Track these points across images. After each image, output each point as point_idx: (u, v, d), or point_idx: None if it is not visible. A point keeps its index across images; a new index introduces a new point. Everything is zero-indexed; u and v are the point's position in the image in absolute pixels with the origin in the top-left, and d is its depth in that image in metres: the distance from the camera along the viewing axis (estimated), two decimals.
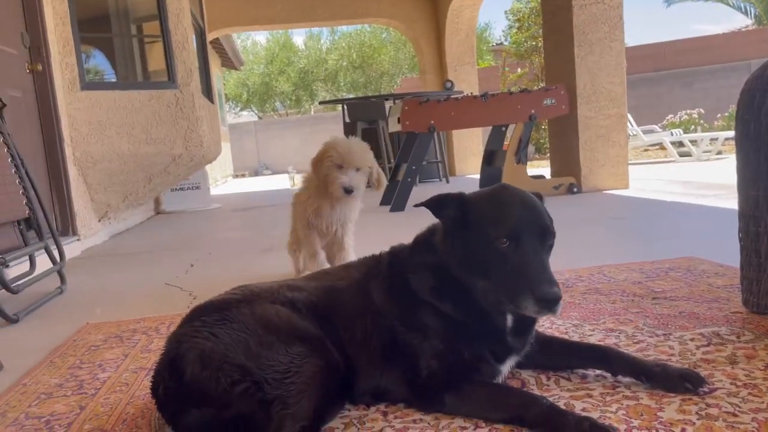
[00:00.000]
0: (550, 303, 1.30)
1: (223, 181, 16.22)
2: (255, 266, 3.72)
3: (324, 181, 2.88)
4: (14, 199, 3.15)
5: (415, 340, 1.48)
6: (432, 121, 5.99)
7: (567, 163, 6.49)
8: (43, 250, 3.37)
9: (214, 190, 11.48)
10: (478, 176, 7.21)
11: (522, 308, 1.35)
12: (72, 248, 4.62)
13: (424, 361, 1.46)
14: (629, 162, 6.59)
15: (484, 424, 1.37)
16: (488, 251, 1.39)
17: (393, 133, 7.52)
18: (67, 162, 4.80)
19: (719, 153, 10.73)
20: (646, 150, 12.88)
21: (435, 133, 6.49)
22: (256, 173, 21.25)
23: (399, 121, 6.05)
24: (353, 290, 1.61)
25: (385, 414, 1.47)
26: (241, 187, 14.00)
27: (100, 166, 5.15)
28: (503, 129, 6.77)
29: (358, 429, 1.41)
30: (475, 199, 1.48)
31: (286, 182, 13.27)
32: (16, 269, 3.24)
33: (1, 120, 3.26)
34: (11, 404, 1.73)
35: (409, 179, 6.06)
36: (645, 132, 11.39)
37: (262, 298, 1.53)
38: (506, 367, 1.53)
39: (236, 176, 19.99)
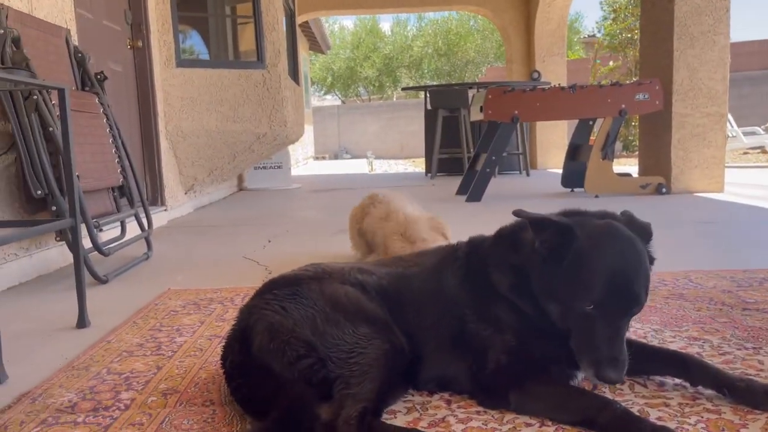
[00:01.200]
0: (608, 383, 1.36)
1: (304, 162, 16.56)
2: (328, 246, 3.78)
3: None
4: (110, 167, 3.33)
5: (486, 332, 1.45)
6: (516, 111, 5.85)
7: (657, 162, 6.18)
8: (134, 217, 3.55)
9: (295, 171, 11.73)
10: (560, 171, 7.01)
11: (582, 370, 1.38)
12: (159, 218, 4.85)
13: (492, 355, 1.42)
14: (726, 165, 6.20)
15: (550, 422, 1.33)
16: (570, 302, 1.35)
17: (475, 122, 7.41)
18: (160, 135, 5.03)
19: None
20: (745, 153, 12.09)
21: (518, 124, 6.34)
22: (336, 156, 21.56)
23: (482, 110, 5.95)
24: (425, 276, 1.59)
25: (448, 402, 1.46)
26: (321, 169, 14.25)
27: (189, 140, 5.36)
28: (590, 123, 6.53)
29: (420, 414, 1.40)
30: (583, 242, 1.35)
31: (365, 167, 13.39)
32: (107, 234, 3.43)
33: (103, 92, 3.45)
34: (95, 359, 1.84)
35: (488, 170, 5.95)
36: (746, 134, 10.71)
37: (332, 278, 1.55)
38: (582, 373, 1.48)
39: (317, 158, 20.37)
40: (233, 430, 1.34)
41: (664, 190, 5.89)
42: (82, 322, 2.22)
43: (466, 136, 9.07)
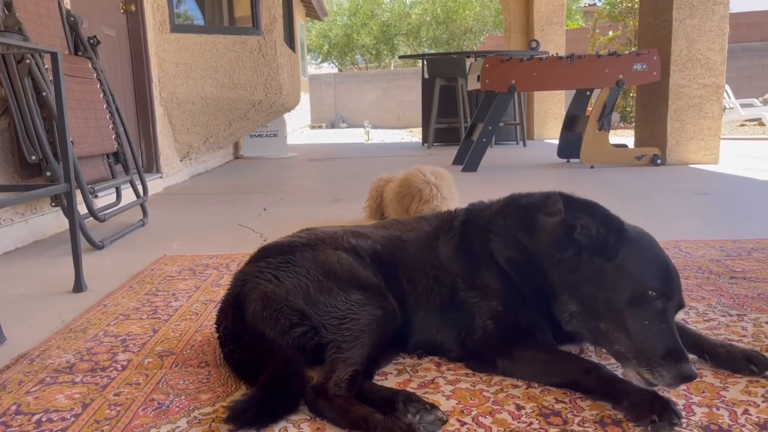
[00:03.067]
0: (686, 381, 1.21)
1: (300, 131, 16.48)
2: (324, 214, 3.80)
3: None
4: (104, 133, 3.32)
5: (475, 299, 1.47)
6: (513, 81, 5.82)
7: (653, 133, 6.18)
8: (129, 184, 3.55)
9: (292, 140, 11.66)
10: (557, 141, 7.00)
11: (652, 375, 1.21)
12: (155, 185, 4.86)
13: (480, 320, 1.45)
14: (722, 137, 6.19)
15: (536, 384, 1.36)
16: (629, 296, 1.26)
17: (472, 91, 7.37)
18: (155, 102, 5.00)
19: None
20: (742, 125, 12.08)
21: (515, 94, 6.31)
22: (332, 125, 21.45)
23: (479, 79, 5.92)
24: (420, 243, 1.60)
25: (438, 365, 1.49)
26: (318, 138, 14.18)
27: (185, 107, 5.33)
28: (587, 93, 6.50)
29: (411, 376, 1.43)
30: (632, 235, 1.33)
31: (362, 136, 13.34)
32: (103, 200, 3.44)
33: (96, 57, 3.42)
34: (92, 322, 1.87)
35: (485, 140, 5.95)
36: (743, 105, 10.68)
37: (326, 244, 1.56)
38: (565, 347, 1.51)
39: (313, 127, 20.25)
40: (228, 389, 1.38)
41: (659, 161, 5.90)
42: (78, 287, 2.24)
43: (463, 105, 9.03)
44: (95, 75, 3.34)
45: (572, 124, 6.52)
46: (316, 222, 3.51)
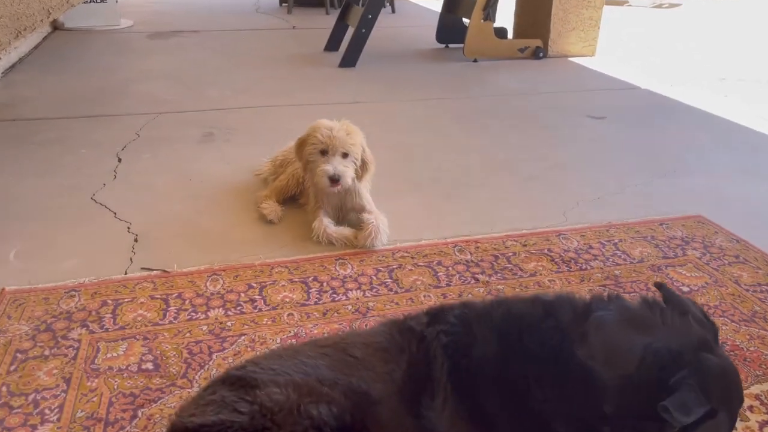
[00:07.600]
0: None
1: None
2: (196, 161, 3.19)
3: (307, 169, 2.51)
4: None
5: None
6: None
7: (534, 24, 5.87)
8: None
9: None
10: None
11: None
12: None
13: None
14: None
15: None
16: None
17: None
18: None
19: None
20: None
21: None
22: None
23: None
24: (395, 404, 1.22)
25: None
26: None
27: None
28: None
29: None
30: (723, 398, 1.20)
31: None
32: None
33: None
34: None
35: (364, 30, 5.25)
36: None
37: (280, 428, 1.13)
38: None
39: None
40: None
41: (541, 54, 5.67)
42: None
43: None
44: None
45: (453, 5, 5.99)
46: (192, 176, 2.91)
